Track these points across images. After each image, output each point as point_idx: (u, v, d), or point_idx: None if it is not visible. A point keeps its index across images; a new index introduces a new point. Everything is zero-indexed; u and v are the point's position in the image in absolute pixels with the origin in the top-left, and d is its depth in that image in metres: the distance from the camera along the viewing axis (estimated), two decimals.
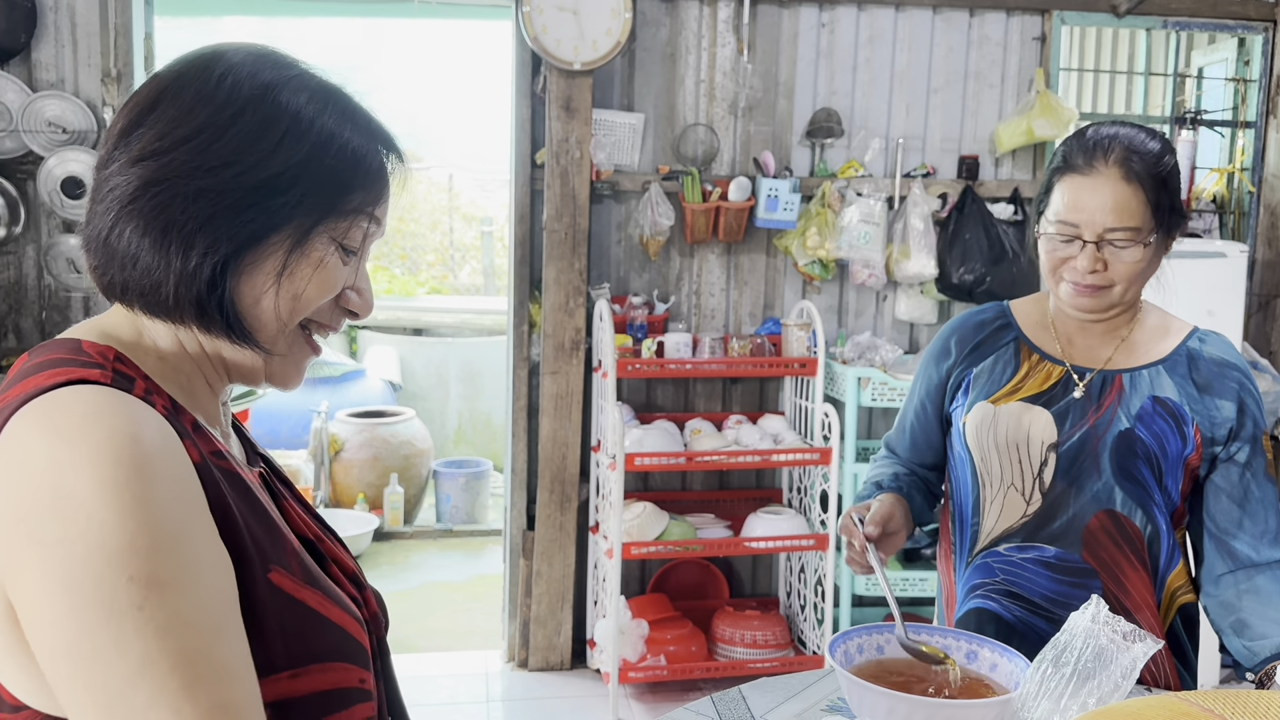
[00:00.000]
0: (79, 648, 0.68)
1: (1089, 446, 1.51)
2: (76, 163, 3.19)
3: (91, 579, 0.67)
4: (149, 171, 0.78)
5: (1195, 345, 1.54)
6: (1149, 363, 1.53)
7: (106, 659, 0.67)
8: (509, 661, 3.61)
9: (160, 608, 0.68)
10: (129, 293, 0.81)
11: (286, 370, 0.88)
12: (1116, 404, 1.52)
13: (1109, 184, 1.44)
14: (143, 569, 0.68)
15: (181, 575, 0.70)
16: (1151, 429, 1.50)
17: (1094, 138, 1.48)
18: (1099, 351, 1.56)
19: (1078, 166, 1.47)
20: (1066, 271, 1.50)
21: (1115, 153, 1.45)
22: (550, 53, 3.22)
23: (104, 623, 0.67)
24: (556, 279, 3.37)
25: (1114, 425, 1.51)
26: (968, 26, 3.64)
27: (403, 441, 5.14)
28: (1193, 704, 1.12)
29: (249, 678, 0.73)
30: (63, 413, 0.72)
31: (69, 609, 0.68)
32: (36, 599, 0.69)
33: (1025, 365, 1.58)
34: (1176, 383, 1.51)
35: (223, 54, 0.82)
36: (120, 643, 0.67)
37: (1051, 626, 1.54)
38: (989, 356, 1.61)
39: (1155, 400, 1.51)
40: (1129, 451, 1.50)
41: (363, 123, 0.85)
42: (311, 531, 0.91)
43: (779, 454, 3.30)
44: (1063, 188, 1.48)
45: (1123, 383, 1.53)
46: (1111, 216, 1.44)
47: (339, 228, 0.84)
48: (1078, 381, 1.54)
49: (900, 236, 3.54)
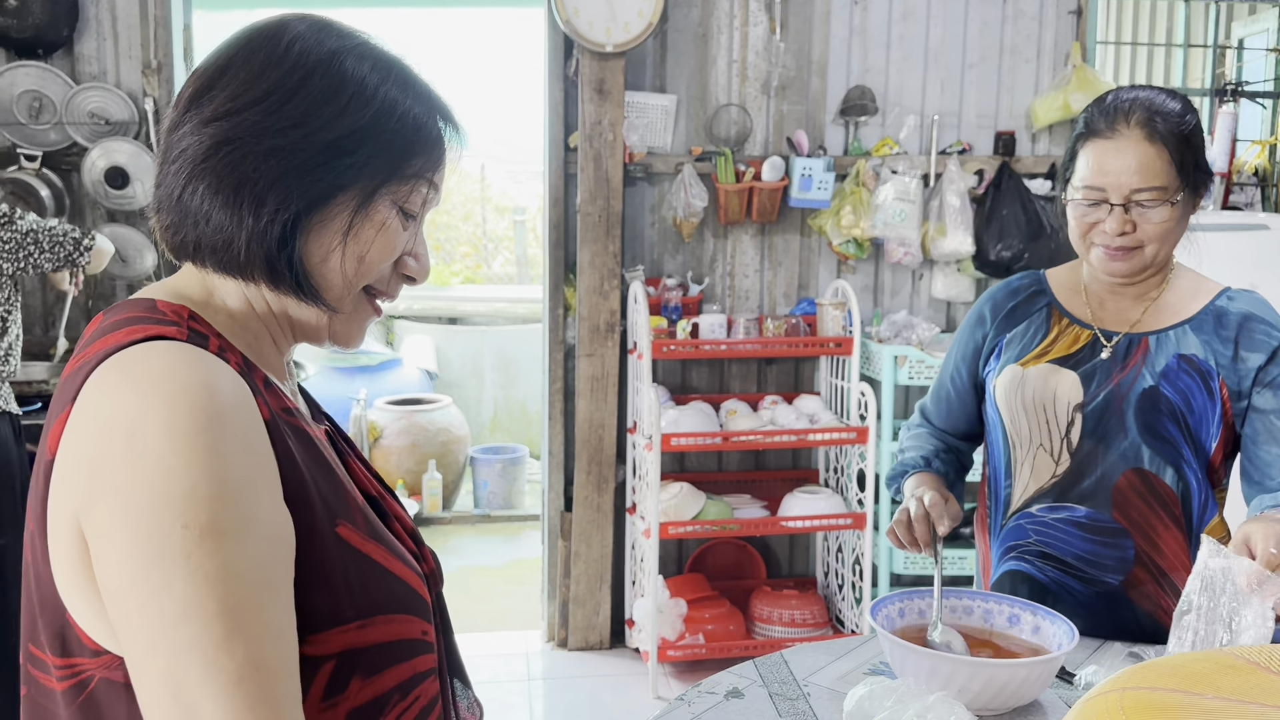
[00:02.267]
0: (134, 588, 0.70)
1: (1114, 405, 1.52)
2: (119, 153, 3.24)
3: (151, 522, 0.70)
4: (221, 131, 0.80)
5: (1224, 303, 1.54)
6: (1176, 323, 1.54)
7: (157, 600, 0.70)
8: (549, 641, 3.64)
9: (210, 556, 0.70)
10: (201, 250, 0.83)
11: (350, 329, 0.90)
12: (1141, 363, 1.52)
13: (1133, 145, 1.45)
14: (199, 517, 0.70)
15: (238, 528, 0.72)
16: (1177, 385, 1.50)
17: (1115, 102, 1.49)
18: (1128, 314, 1.57)
19: (1100, 130, 1.48)
20: (1096, 236, 1.50)
21: (1137, 114, 1.46)
22: (582, 35, 3.23)
23: (156, 565, 0.70)
24: (591, 262, 3.38)
25: (1138, 383, 1.51)
26: (1002, 1, 3.60)
27: (440, 429, 5.18)
28: (1240, 658, 1.11)
29: (289, 641, 0.74)
30: (141, 366, 0.74)
31: (130, 550, 0.70)
32: (104, 539, 0.72)
33: (1055, 329, 1.60)
34: (1203, 340, 1.51)
35: (288, 23, 0.85)
36: (169, 586, 0.70)
37: (1085, 586, 1.54)
38: (1022, 322, 1.63)
39: (1181, 358, 1.51)
40: (1153, 409, 1.50)
41: (422, 92, 0.88)
42: (374, 488, 0.93)
43: (815, 433, 3.29)
44: (1087, 153, 1.49)
45: (1149, 344, 1.53)
46: (1137, 177, 1.45)
47: (400, 191, 0.86)
48: (1105, 344, 1.55)
49: (936, 214, 3.51)
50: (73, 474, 0.74)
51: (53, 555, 0.76)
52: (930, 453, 1.71)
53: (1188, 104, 1.49)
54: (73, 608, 0.76)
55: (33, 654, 0.80)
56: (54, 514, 0.75)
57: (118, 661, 0.76)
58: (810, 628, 3.39)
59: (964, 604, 1.46)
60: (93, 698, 0.77)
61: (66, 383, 0.78)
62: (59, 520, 0.75)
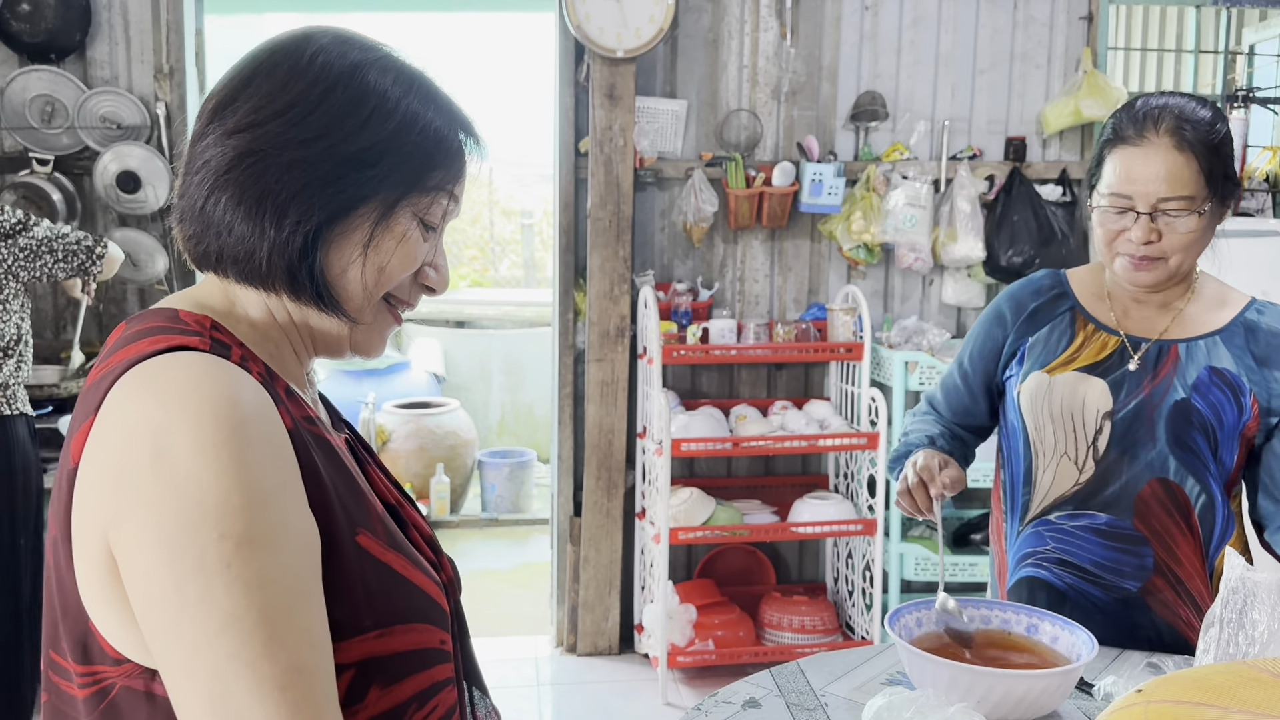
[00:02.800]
0: (170, 600, 0.70)
1: (1144, 415, 1.51)
2: (131, 157, 3.25)
3: (186, 534, 0.70)
4: (244, 143, 0.81)
5: (1254, 316, 1.52)
6: (1206, 333, 1.52)
7: (195, 612, 0.70)
8: (558, 646, 3.64)
9: (248, 565, 0.70)
10: (223, 260, 0.84)
11: (370, 339, 0.91)
12: (1173, 373, 1.51)
13: (1161, 153, 1.43)
14: (234, 527, 0.70)
15: (272, 535, 0.72)
16: (1208, 399, 1.49)
17: (1144, 108, 1.47)
18: (1155, 323, 1.56)
19: (1128, 137, 1.46)
20: (1121, 245, 1.49)
21: (1166, 122, 1.44)
22: (593, 40, 3.23)
23: (194, 577, 0.70)
24: (601, 267, 3.38)
25: (1170, 395, 1.50)
26: (1013, 7, 3.60)
27: (448, 432, 5.18)
28: (1262, 669, 1.10)
29: (326, 644, 0.75)
30: (164, 377, 0.74)
31: (163, 563, 0.70)
32: (135, 552, 0.72)
33: (1081, 335, 1.58)
34: (1234, 354, 1.50)
35: (311, 36, 0.85)
36: (208, 597, 0.70)
37: (1104, 593, 1.53)
38: (1045, 325, 1.61)
39: (1212, 370, 1.50)
40: (1185, 421, 1.49)
41: (443, 105, 0.88)
42: (393, 497, 0.93)
43: (825, 439, 3.29)
44: (1114, 159, 1.48)
45: (1179, 353, 1.52)
46: (1165, 186, 1.43)
47: (421, 203, 0.87)
48: (1133, 353, 1.54)
49: (947, 219, 3.51)
50: (98, 486, 0.74)
51: (77, 565, 0.76)
52: (935, 434, 1.70)
53: (1218, 113, 1.47)
54: (96, 617, 0.76)
55: (54, 660, 0.81)
56: (79, 524, 0.75)
57: (139, 670, 0.76)
58: (820, 634, 3.39)
59: (982, 613, 1.46)
60: (114, 705, 0.77)
61: (89, 392, 0.78)
62: (84, 531, 0.75)
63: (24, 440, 2.70)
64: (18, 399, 2.71)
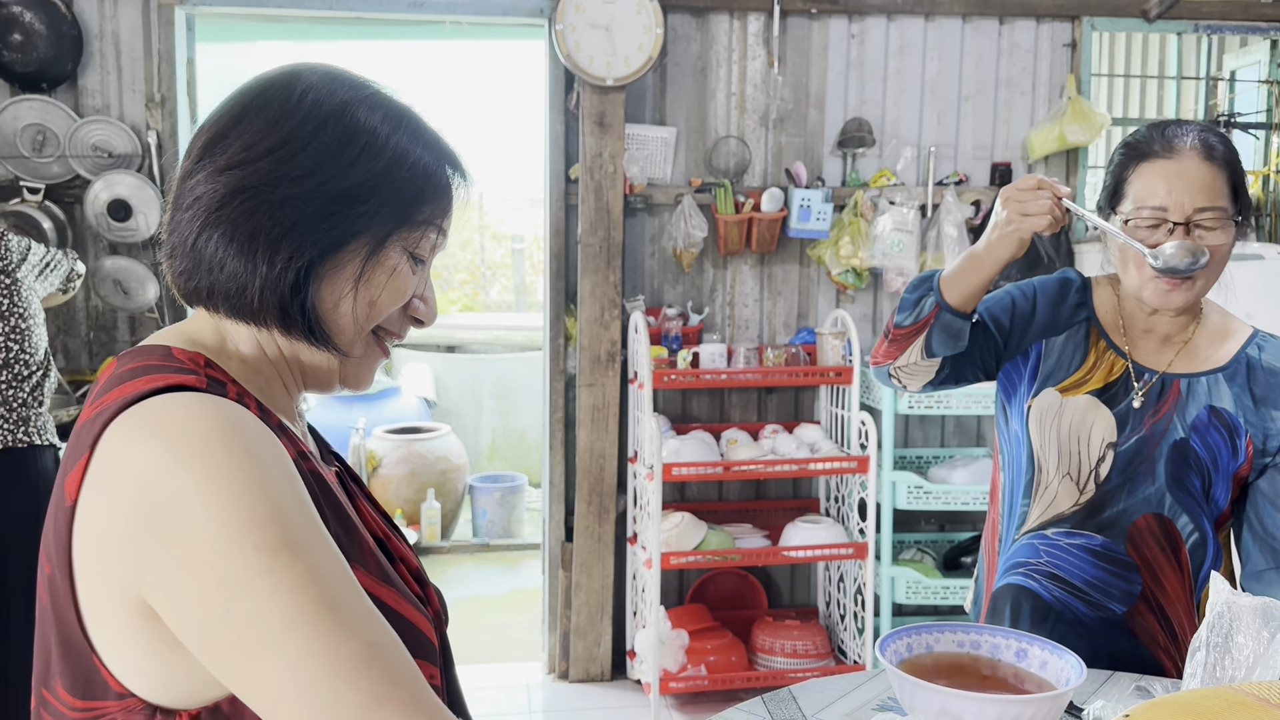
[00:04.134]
0: (227, 622, 0.71)
1: (1145, 451, 1.52)
2: (122, 186, 3.26)
3: (223, 556, 0.71)
4: (236, 180, 0.81)
5: (1254, 353, 1.53)
6: (1208, 369, 1.53)
7: (255, 623, 0.70)
8: (549, 673, 3.62)
9: (290, 567, 0.71)
10: (215, 296, 0.84)
11: (360, 372, 0.92)
12: (1174, 410, 1.52)
13: (1193, 165, 1.44)
14: (267, 536, 0.71)
15: (305, 538, 0.73)
16: (1206, 440, 1.50)
17: (1164, 125, 1.49)
18: (1161, 355, 1.56)
19: (1157, 152, 1.46)
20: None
21: (1192, 136, 1.46)
22: (583, 69, 3.26)
23: (243, 594, 0.70)
24: (592, 292, 3.40)
25: (1170, 434, 1.51)
26: (997, 34, 3.65)
27: (439, 457, 5.18)
28: (1247, 694, 1.11)
29: (385, 623, 0.76)
30: (166, 418, 0.75)
31: (210, 589, 0.71)
32: (177, 590, 0.72)
33: (1094, 353, 1.58)
34: (1234, 393, 1.51)
35: (300, 73, 0.86)
36: (262, 609, 0.70)
37: (1090, 611, 1.54)
38: (1063, 332, 1.60)
39: (1211, 410, 1.50)
40: (1183, 462, 1.50)
41: (431, 141, 0.89)
42: (381, 530, 0.93)
43: (816, 463, 3.30)
44: (1142, 175, 1.46)
45: (1180, 389, 1.53)
46: (1201, 195, 1.43)
47: (410, 238, 0.88)
48: (1135, 385, 1.54)
49: (934, 244, 3.54)
50: (108, 529, 0.74)
51: (86, 605, 0.76)
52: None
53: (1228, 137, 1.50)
54: (107, 655, 0.76)
55: (45, 698, 0.80)
56: (84, 563, 0.75)
57: (141, 705, 0.77)
58: (813, 658, 3.38)
59: (971, 638, 1.46)
60: None
61: (83, 430, 0.78)
62: (92, 570, 0.75)
63: (50, 472, 2.66)
64: (47, 430, 2.69)
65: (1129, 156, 1.50)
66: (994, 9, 3.60)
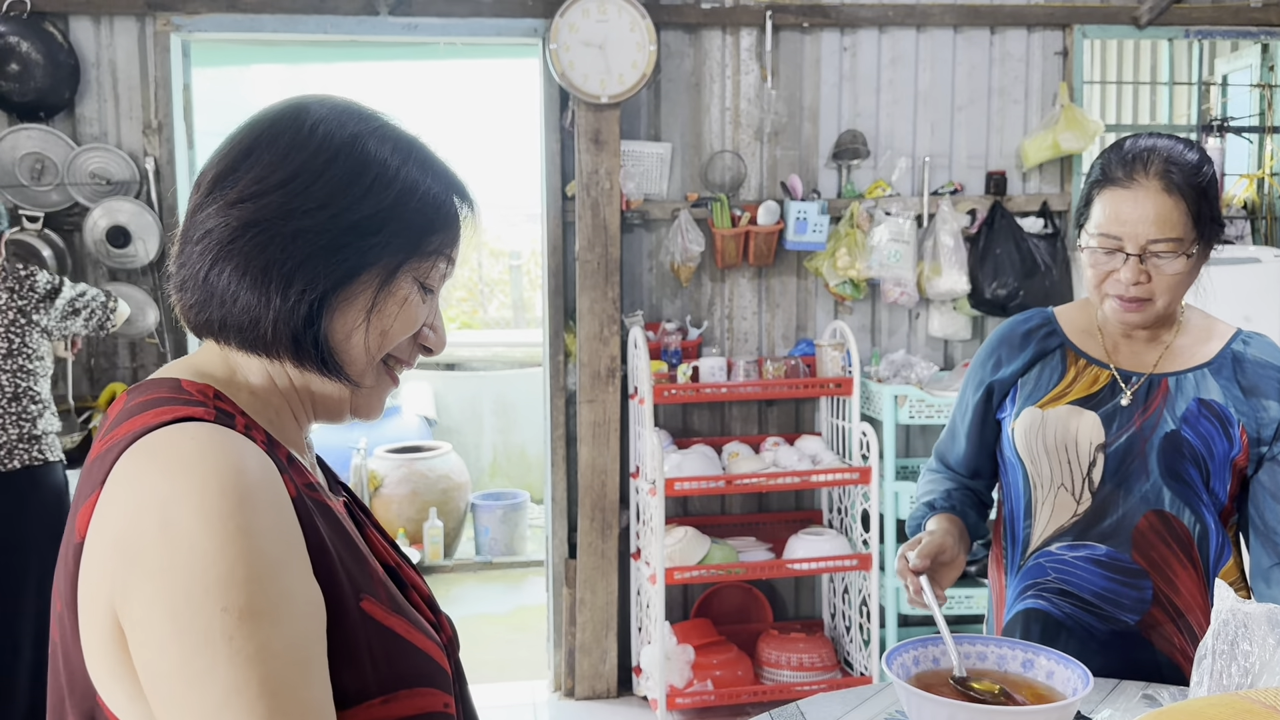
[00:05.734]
0: (177, 673, 0.71)
1: (1136, 448, 1.53)
2: (121, 212, 3.27)
3: (190, 608, 0.71)
4: (247, 213, 0.82)
5: (1240, 348, 1.55)
6: (1194, 366, 1.55)
7: (200, 685, 0.70)
8: (555, 691, 3.62)
9: (250, 639, 0.71)
10: (227, 329, 0.85)
11: (371, 402, 0.92)
12: (1163, 406, 1.53)
13: (1150, 196, 1.45)
14: (237, 600, 0.71)
15: (275, 608, 0.73)
16: (1198, 430, 1.51)
17: (1132, 150, 1.49)
18: (1145, 357, 1.58)
19: (1118, 179, 1.48)
20: (1110, 285, 1.50)
21: (1155, 165, 1.46)
22: (578, 88, 3.28)
23: (199, 650, 0.70)
24: (590, 308, 3.41)
25: (1160, 427, 1.52)
26: (989, 44, 3.67)
27: (440, 475, 5.18)
28: (1255, 701, 1.11)
29: (328, 715, 0.75)
30: (171, 449, 0.75)
31: (170, 636, 0.71)
32: (143, 625, 0.72)
33: (1072, 370, 1.60)
34: (1222, 385, 1.52)
35: (309, 106, 0.87)
36: (212, 670, 0.70)
37: (1102, 624, 1.54)
38: (1036, 364, 1.63)
39: (1201, 403, 1.52)
40: (1176, 453, 1.51)
41: (440, 171, 0.90)
42: (392, 559, 0.93)
43: (818, 474, 3.30)
44: (1103, 201, 1.49)
45: (1169, 386, 1.54)
46: (1154, 228, 1.45)
47: (421, 268, 0.88)
48: (1124, 387, 1.56)
49: (931, 254, 3.55)
50: (105, 559, 0.74)
51: (84, 638, 0.76)
52: (944, 494, 1.70)
53: (1204, 155, 1.50)
54: (104, 691, 0.77)
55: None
56: (85, 598, 0.76)
57: None
58: (819, 671, 3.38)
59: (978, 649, 1.46)
60: None
61: (95, 465, 0.79)
62: (91, 604, 0.75)
63: (62, 484, 2.90)
64: (55, 447, 2.90)
65: (1095, 180, 1.52)
66: (985, 19, 3.62)
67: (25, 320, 2.81)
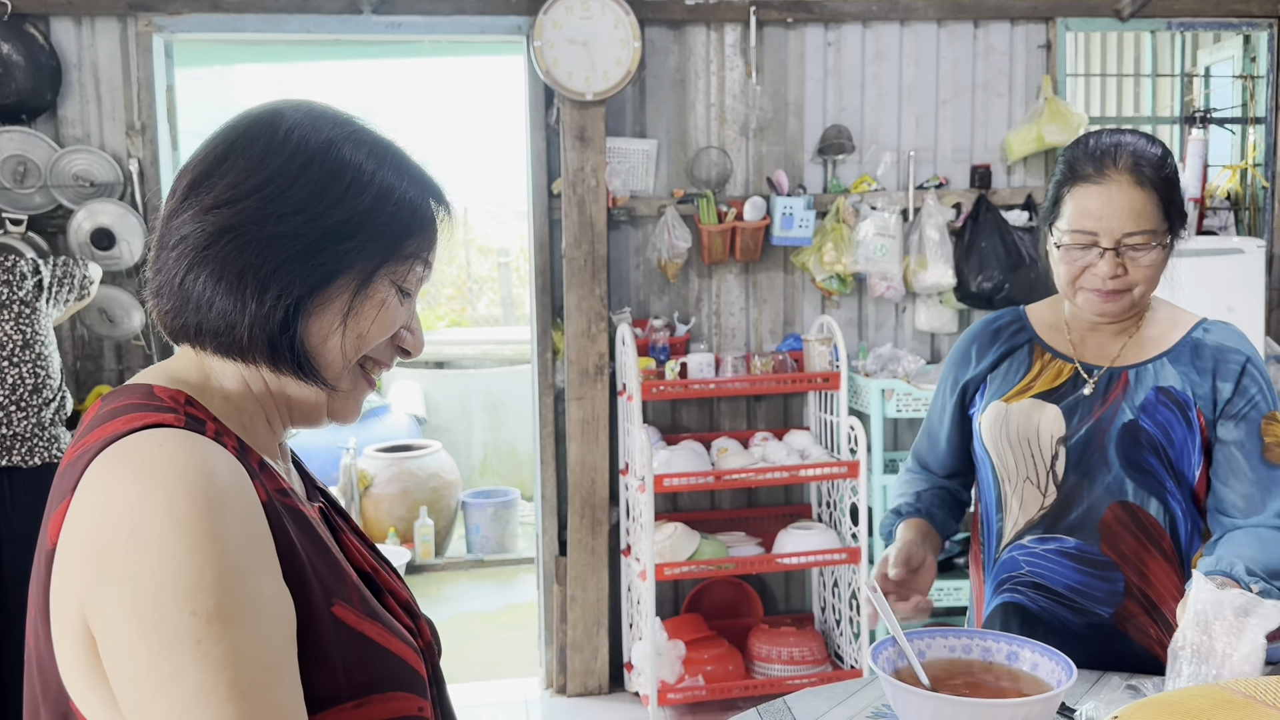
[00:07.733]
0: (145, 678, 0.71)
1: (1095, 440, 1.54)
2: (105, 214, 3.26)
3: (159, 612, 0.71)
4: (223, 219, 0.82)
5: (1200, 335, 1.56)
6: (1154, 355, 1.56)
7: (168, 689, 0.71)
8: (547, 688, 3.62)
9: (219, 642, 0.71)
10: (202, 335, 0.85)
11: (347, 406, 0.92)
12: (1121, 397, 1.55)
13: (1123, 190, 1.47)
14: (205, 603, 0.71)
15: (243, 611, 0.73)
16: (1155, 418, 1.52)
17: (1099, 146, 1.51)
18: (1108, 349, 1.59)
19: (1088, 175, 1.49)
20: (1086, 280, 1.52)
21: (1124, 159, 1.48)
22: (562, 85, 3.28)
23: (167, 654, 0.71)
24: (578, 306, 3.41)
25: (1118, 418, 1.54)
26: (972, 38, 3.67)
27: (430, 474, 5.17)
28: (1234, 691, 1.13)
29: (299, 717, 0.75)
30: (140, 455, 0.75)
31: (138, 640, 0.71)
32: (112, 631, 0.72)
33: (1038, 364, 1.62)
34: (1180, 371, 1.54)
35: (284, 111, 0.87)
36: (180, 674, 0.71)
37: (1077, 617, 1.55)
38: (1005, 360, 1.65)
39: (1159, 390, 1.53)
40: (1134, 442, 1.52)
41: (415, 175, 0.90)
42: (368, 564, 0.93)
43: (806, 469, 3.31)
44: (1074, 197, 1.50)
45: (1128, 378, 1.56)
46: (1129, 221, 1.47)
47: (398, 271, 0.89)
48: (1087, 378, 1.57)
49: (916, 248, 3.56)
50: (76, 565, 0.74)
51: (57, 644, 0.76)
52: (913, 497, 1.73)
53: (1165, 148, 1.53)
54: (77, 696, 0.77)
55: None
56: (57, 604, 0.76)
57: None
58: (810, 664, 3.39)
59: (962, 642, 1.47)
60: None
61: (66, 472, 0.79)
62: (63, 610, 0.75)
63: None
64: (63, 446, 2.92)
65: (1065, 177, 1.53)
66: (968, 13, 3.63)
67: (30, 310, 2.86)
